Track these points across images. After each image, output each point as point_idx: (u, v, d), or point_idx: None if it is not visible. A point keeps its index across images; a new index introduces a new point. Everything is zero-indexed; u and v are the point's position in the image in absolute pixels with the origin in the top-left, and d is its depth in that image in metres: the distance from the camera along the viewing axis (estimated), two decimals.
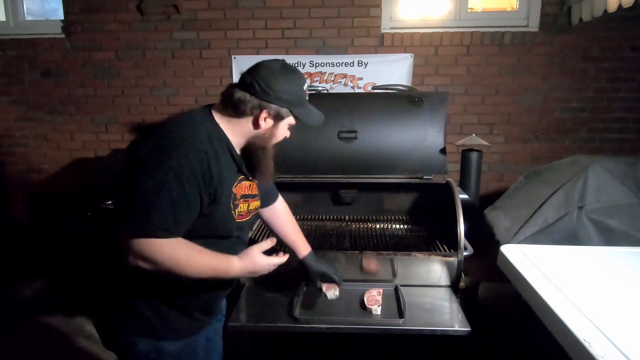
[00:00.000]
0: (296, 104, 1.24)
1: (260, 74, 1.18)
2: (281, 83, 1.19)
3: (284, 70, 1.21)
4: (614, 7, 2.54)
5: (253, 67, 1.21)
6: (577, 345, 1.01)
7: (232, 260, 1.22)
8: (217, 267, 1.19)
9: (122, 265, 1.12)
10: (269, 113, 1.20)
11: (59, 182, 3.68)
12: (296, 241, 1.61)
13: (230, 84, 1.24)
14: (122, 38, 3.40)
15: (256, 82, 1.17)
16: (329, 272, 1.60)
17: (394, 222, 2.32)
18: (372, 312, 1.62)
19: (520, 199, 2.19)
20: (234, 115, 1.20)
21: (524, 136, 3.33)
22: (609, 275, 1.39)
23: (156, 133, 1.15)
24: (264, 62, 1.22)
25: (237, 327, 1.60)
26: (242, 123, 1.21)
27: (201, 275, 1.15)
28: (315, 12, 3.27)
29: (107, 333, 1.30)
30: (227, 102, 1.21)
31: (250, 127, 1.22)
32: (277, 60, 1.24)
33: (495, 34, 3.20)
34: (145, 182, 1.06)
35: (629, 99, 3.22)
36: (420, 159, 2.18)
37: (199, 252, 1.15)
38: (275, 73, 1.19)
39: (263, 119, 1.20)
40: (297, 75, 1.24)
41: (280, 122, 1.24)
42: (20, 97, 3.57)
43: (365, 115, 2.22)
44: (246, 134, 1.24)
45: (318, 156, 2.19)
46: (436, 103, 2.20)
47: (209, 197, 1.15)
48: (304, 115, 1.27)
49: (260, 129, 1.22)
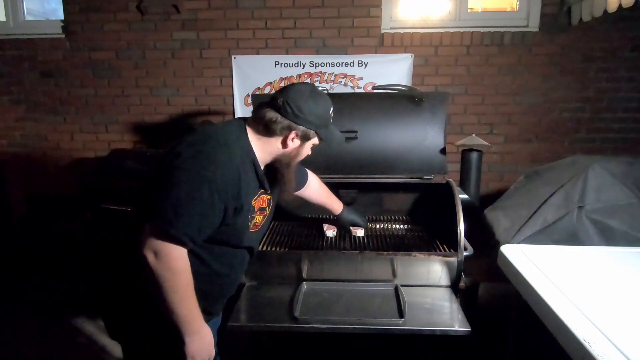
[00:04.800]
0: (322, 126, 1.33)
1: (292, 97, 1.25)
2: (311, 106, 1.26)
3: (313, 94, 1.29)
4: (614, 7, 2.54)
5: (285, 88, 1.29)
6: (577, 345, 1.01)
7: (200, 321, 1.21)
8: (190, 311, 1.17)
9: (135, 274, 1.17)
10: (297, 134, 1.28)
11: (59, 182, 3.68)
12: (331, 203, 1.89)
13: (261, 103, 1.31)
14: (122, 38, 3.40)
15: (288, 105, 1.24)
16: (358, 221, 1.96)
17: (394, 222, 2.32)
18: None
19: (520, 199, 2.19)
20: (264, 134, 1.28)
21: (524, 136, 3.33)
22: (609, 275, 1.39)
23: (196, 141, 1.20)
24: (295, 85, 1.31)
25: (237, 327, 1.60)
26: (272, 142, 1.29)
27: (173, 301, 1.13)
28: (315, 12, 3.27)
29: (119, 324, 1.32)
30: (258, 121, 1.28)
31: (279, 146, 1.30)
32: (308, 83, 1.34)
33: (495, 34, 3.20)
34: (180, 187, 1.11)
35: (629, 99, 3.22)
36: (420, 159, 2.18)
37: (192, 289, 1.17)
38: (306, 96, 1.26)
39: (291, 139, 1.28)
40: (325, 99, 1.32)
41: (307, 142, 1.34)
42: (20, 97, 3.57)
43: (365, 115, 2.22)
44: (273, 153, 1.32)
45: (318, 156, 2.19)
46: (436, 103, 2.20)
47: (234, 210, 1.21)
48: (328, 137, 1.37)
49: (287, 149, 1.30)
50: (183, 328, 1.18)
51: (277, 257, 1.89)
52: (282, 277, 1.87)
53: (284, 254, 1.91)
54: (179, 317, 1.16)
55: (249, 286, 1.87)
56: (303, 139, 1.31)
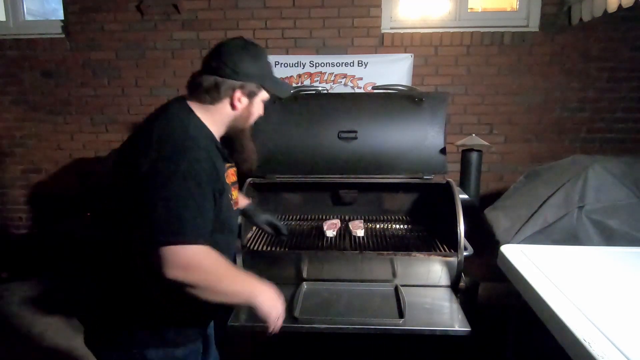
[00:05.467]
0: (265, 78, 1.25)
1: (225, 55, 1.18)
2: (247, 60, 1.19)
3: (246, 47, 1.21)
4: (614, 7, 2.54)
5: (214, 50, 1.21)
6: (577, 345, 1.01)
7: (256, 281, 1.19)
8: (243, 281, 1.16)
9: (136, 276, 1.12)
10: (242, 92, 1.21)
11: (59, 183, 3.68)
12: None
13: (193, 73, 1.23)
14: (122, 38, 3.40)
15: (223, 64, 1.17)
16: (273, 220, 1.77)
17: (394, 222, 2.32)
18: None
19: (520, 199, 2.19)
20: (210, 103, 1.20)
21: (524, 136, 3.33)
22: (609, 275, 1.39)
23: (150, 142, 1.10)
24: (224, 43, 1.22)
25: (237, 327, 1.60)
26: (220, 109, 1.21)
27: (225, 289, 1.10)
28: (315, 12, 3.27)
29: (110, 348, 1.23)
30: (199, 91, 1.20)
31: (228, 111, 1.22)
32: (236, 38, 1.24)
33: (495, 34, 3.19)
34: (165, 196, 1.03)
35: (629, 99, 3.22)
36: (420, 159, 2.18)
37: (228, 265, 1.13)
38: (240, 51, 1.19)
39: (238, 100, 1.21)
40: (260, 50, 1.25)
41: (255, 98, 1.25)
42: (20, 97, 3.56)
43: (365, 115, 2.22)
44: (225, 120, 1.24)
45: (318, 156, 2.19)
46: (436, 103, 2.20)
47: (219, 192, 1.15)
48: (275, 87, 1.28)
49: (237, 110, 1.23)
50: (247, 299, 1.15)
51: (277, 257, 1.89)
52: (282, 277, 1.87)
53: (284, 254, 1.91)
54: (238, 295, 1.15)
55: None
56: (249, 95, 1.23)
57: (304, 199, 2.43)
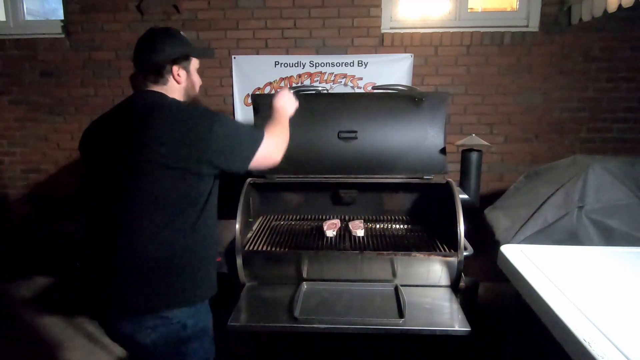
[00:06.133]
0: (189, 49, 1.46)
1: (147, 47, 1.39)
2: (167, 40, 1.40)
3: (157, 32, 1.41)
4: (614, 7, 2.54)
5: (136, 50, 1.40)
6: (577, 345, 1.01)
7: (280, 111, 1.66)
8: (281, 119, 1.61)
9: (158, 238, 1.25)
10: (178, 66, 1.42)
11: (59, 182, 3.68)
12: None
13: (132, 75, 1.43)
14: (122, 38, 3.40)
15: (153, 52, 1.38)
16: None
17: (394, 222, 2.32)
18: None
19: (520, 199, 2.19)
20: (166, 83, 1.41)
21: (524, 136, 3.33)
22: (609, 275, 1.39)
23: (164, 126, 1.26)
24: (139, 39, 1.41)
25: (237, 327, 1.60)
26: (173, 86, 1.43)
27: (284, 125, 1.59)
28: (315, 12, 3.27)
29: (132, 318, 1.29)
30: (155, 77, 1.39)
31: (177, 86, 1.44)
32: (148, 31, 1.43)
33: (495, 34, 3.20)
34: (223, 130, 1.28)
35: (629, 99, 3.22)
36: (420, 159, 2.18)
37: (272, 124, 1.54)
38: (154, 37, 1.40)
39: (177, 74, 1.42)
40: (175, 30, 1.46)
41: (189, 67, 1.47)
42: (20, 97, 3.56)
43: (365, 115, 2.22)
44: (182, 93, 1.46)
45: (318, 156, 2.19)
46: (436, 103, 2.20)
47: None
48: (198, 52, 1.51)
49: (182, 83, 1.45)
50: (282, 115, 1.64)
51: (277, 257, 1.90)
52: (282, 277, 1.87)
53: (284, 254, 1.91)
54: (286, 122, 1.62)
55: (249, 286, 1.87)
56: (184, 67, 1.44)
57: (304, 199, 2.43)
